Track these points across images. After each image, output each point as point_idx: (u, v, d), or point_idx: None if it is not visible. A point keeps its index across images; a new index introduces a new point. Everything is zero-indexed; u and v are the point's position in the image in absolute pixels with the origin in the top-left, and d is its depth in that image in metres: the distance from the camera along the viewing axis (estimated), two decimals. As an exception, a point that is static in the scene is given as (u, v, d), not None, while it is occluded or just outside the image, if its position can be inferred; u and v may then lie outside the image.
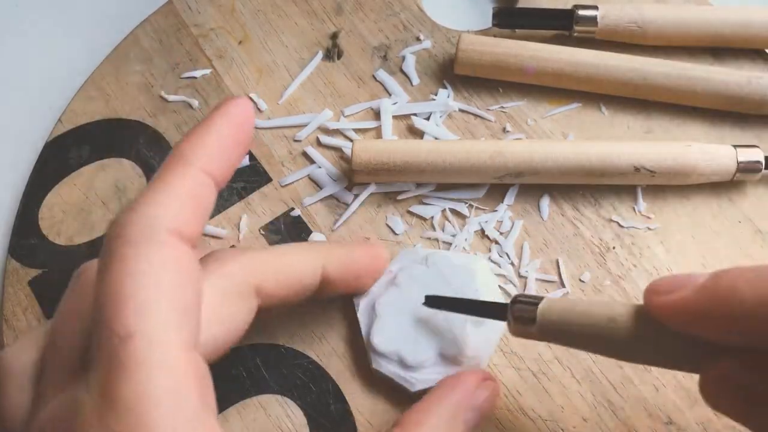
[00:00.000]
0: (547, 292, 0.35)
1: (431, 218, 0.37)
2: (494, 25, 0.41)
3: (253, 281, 0.27)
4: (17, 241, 0.37)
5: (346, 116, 0.40)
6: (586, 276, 0.35)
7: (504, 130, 0.39)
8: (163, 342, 0.20)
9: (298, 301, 0.29)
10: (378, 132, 0.39)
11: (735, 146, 0.36)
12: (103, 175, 0.38)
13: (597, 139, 0.39)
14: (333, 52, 0.42)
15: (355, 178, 0.37)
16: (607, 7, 0.40)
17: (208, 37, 0.42)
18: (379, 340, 0.32)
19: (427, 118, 0.39)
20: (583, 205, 0.37)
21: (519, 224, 0.36)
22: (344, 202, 0.37)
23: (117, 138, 0.39)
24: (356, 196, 0.37)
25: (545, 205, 0.37)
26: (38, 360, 0.25)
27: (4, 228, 0.38)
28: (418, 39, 0.42)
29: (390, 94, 0.40)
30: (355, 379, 0.33)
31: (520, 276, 0.35)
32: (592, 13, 0.40)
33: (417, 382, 0.31)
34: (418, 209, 0.37)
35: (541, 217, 0.37)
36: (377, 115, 0.39)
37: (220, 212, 0.37)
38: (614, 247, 0.36)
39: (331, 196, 0.37)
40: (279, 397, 0.33)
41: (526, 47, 0.39)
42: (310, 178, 0.38)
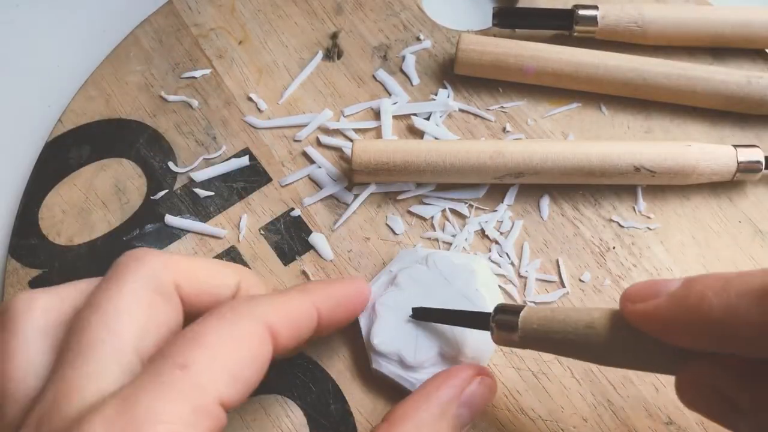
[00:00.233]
0: (547, 292, 0.35)
1: (431, 218, 0.37)
2: (494, 25, 0.41)
3: (265, 327, 0.26)
4: (17, 241, 0.37)
5: (346, 116, 0.40)
6: (586, 276, 0.35)
7: (504, 130, 0.39)
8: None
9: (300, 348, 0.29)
10: (378, 132, 0.39)
11: (735, 146, 0.36)
12: (103, 175, 0.38)
13: (597, 139, 0.39)
14: (333, 52, 0.42)
15: (355, 178, 0.37)
16: (607, 7, 0.40)
17: (208, 37, 0.42)
18: (379, 340, 0.32)
19: (427, 118, 0.39)
20: (583, 205, 0.37)
21: (519, 224, 0.36)
22: (344, 202, 0.37)
23: (117, 138, 0.39)
24: (356, 196, 0.37)
25: (545, 205, 0.37)
26: (61, 321, 0.24)
27: (4, 228, 0.38)
28: (418, 39, 0.42)
29: (390, 94, 0.40)
30: (355, 379, 0.33)
31: (520, 276, 0.35)
32: (592, 13, 0.40)
33: (417, 382, 0.31)
34: (418, 209, 0.37)
35: (541, 217, 0.37)
36: (377, 115, 0.39)
37: (220, 212, 0.37)
38: (614, 247, 0.36)
39: (331, 196, 0.37)
40: (279, 397, 0.33)
41: (526, 47, 0.39)
42: (310, 178, 0.38)
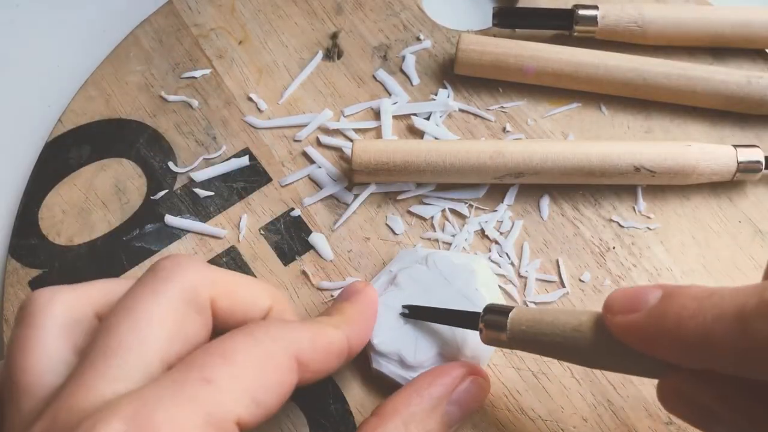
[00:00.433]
0: (547, 292, 0.35)
1: (431, 218, 0.37)
2: (494, 25, 0.41)
3: (294, 356, 0.26)
4: (17, 241, 0.37)
5: (346, 116, 0.40)
6: (586, 276, 0.35)
7: (504, 130, 0.39)
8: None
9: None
10: (378, 132, 0.39)
11: (735, 146, 0.36)
12: (103, 175, 0.38)
13: (597, 139, 0.39)
14: (333, 52, 0.42)
15: (355, 178, 0.37)
16: (607, 7, 0.40)
17: (208, 37, 0.42)
18: (379, 340, 0.32)
19: (427, 118, 0.39)
20: (583, 205, 0.37)
21: (519, 224, 0.36)
22: (344, 202, 0.37)
23: (117, 138, 0.39)
24: (356, 196, 0.37)
25: (545, 205, 0.37)
26: (81, 319, 0.24)
27: (4, 228, 0.38)
28: (418, 39, 0.42)
29: (390, 94, 0.40)
30: (355, 379, 0.33)
31: (520, 276, 0.35)
32: (592, 13, 0.40)
33: (417, 382, 0.31)
34: (418, 209, 0.37)
35: (541, 217, 0.37)
36: (377, 115, 0.39)
37: (220, 212, 0.37)
38: (614, 247, 0.36)
39: (331, 196, 0.37)
40: (279, 397, 0.33)
41: (526, 47, 0.39)
42: (310, 178, 0.38)
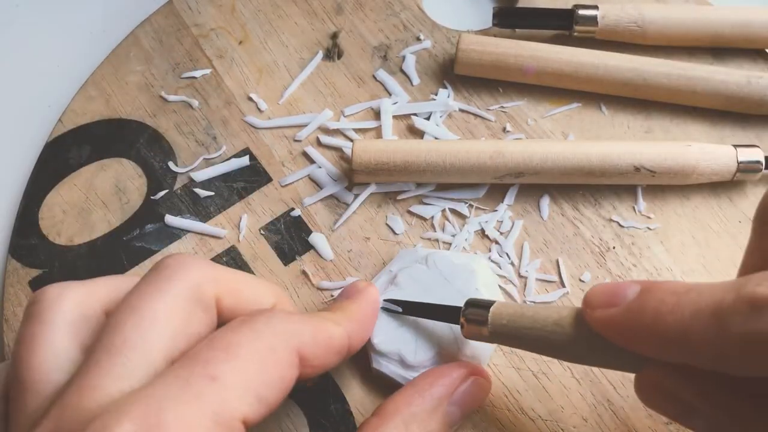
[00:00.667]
0: (547, 292, 0.35)
1: (431, 218, 0.37)
2: (494, 25, 0.41)
3: (296, 350, 0.26)
4: (17, 241, 0.37)
5: (346, 116, 0.40)
6: (586, 276, 0.35)
7: (504, 130, 0.39)
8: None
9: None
10: (378, 132, 0.39)
11: (735, 146, 0.36)
12: (103, 175, 0.38)
13: (597, 139, 0.39)
14: (333, 52, 0.42)
15: (355, 178, 0.37)
16: (607, 7, 0.40)
17: (208, 37, 0.42)
18: (379, 340, 0.32)
19: (427, 118, 0.39)
20: (583, 205, 0.37)
21: (519, 224, 0.36)
22: (344, 202, 0.37)
23: (117, 138, 0.39)
24: (356, 196, 0.37)
25: (545, 205, 0.37)
26: (89, 316, 0.24)
27: (4, 228, 0.38)
28: (418, 39, 0.42)
29: (390, 94, 0.40)
30: (355, 379, 0.33)
31: (520, 276, 0.35)
32: (592, 13, 0.40)
33: (417, 382, 0.31)
34: (418, 209, 0.37)
35: (541, 217, 0.37)
36: (377, 115, 0.39)
37: (220, 212, 0.37)
38: (614, 247, 0.36)
39: (331, 196, 0.37)
40: (279, 397, 0.33)
41: (526, 47, 0.39)
42: (310, 178, 0.38)
